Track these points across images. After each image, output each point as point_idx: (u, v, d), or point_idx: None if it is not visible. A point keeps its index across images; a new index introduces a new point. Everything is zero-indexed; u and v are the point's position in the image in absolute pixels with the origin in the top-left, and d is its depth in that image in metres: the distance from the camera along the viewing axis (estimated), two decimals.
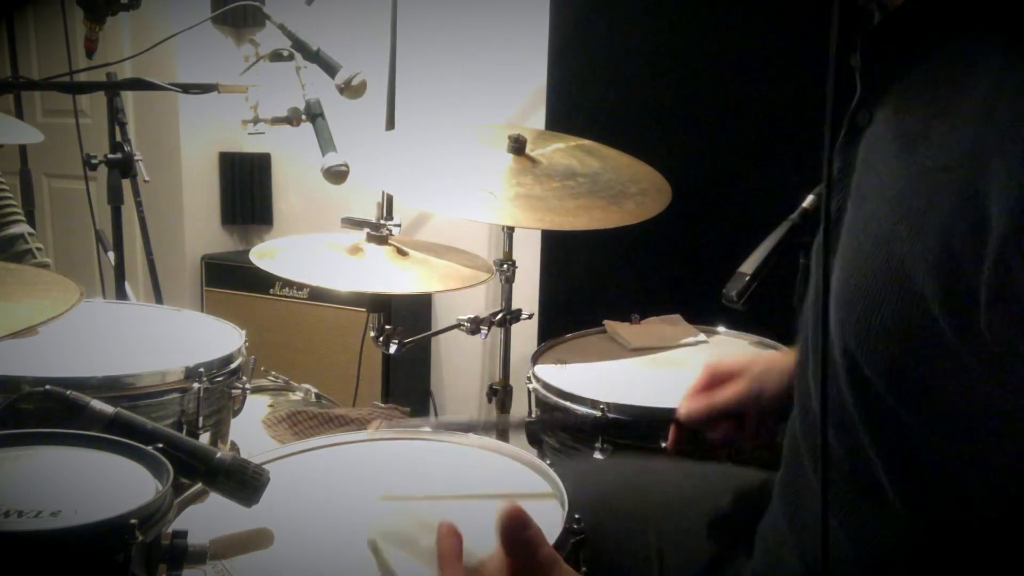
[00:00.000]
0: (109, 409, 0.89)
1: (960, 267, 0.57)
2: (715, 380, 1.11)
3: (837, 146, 0.77)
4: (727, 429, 1.10)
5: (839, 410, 0.71)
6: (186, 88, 1.76)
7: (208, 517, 0.87)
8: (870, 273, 0.65)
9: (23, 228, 2.01)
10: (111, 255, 1.96)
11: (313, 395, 1.87)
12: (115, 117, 1.86)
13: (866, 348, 0.66)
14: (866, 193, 0.71)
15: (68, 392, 0.91)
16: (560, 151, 1.62)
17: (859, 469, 0.70)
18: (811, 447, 0.78)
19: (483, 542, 0.87)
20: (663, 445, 1.24)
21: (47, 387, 0.92)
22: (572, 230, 1.40)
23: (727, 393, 1.09)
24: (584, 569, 0.81)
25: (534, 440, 1.39)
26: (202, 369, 1.19)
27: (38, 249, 2.01)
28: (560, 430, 1.34)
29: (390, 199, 2.20)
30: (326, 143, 1.55)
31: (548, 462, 1.02)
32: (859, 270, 0.67)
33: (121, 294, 1.92)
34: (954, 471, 0.63)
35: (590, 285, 2.29)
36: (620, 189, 1.50)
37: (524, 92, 2.51)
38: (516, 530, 0.67)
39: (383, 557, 0.83)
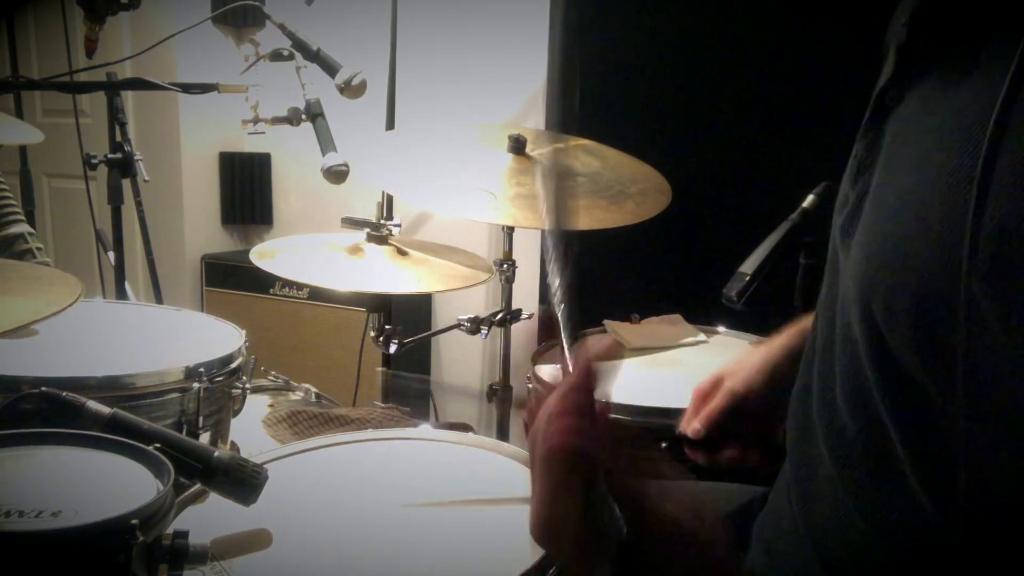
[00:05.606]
0: (106, 410, 0.89)
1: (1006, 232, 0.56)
2: (702, 396, 1.09)
3: (861, 128, 0.76)
4: (734, 452, 1.06)
5: (856, 388, 0.70)
6: (186, 88, 1.75)
7: (207, 517, 0.87)
8: (902, 241, 0.64)
9: (23, 228, 2.01)
10: (111, 255, 1.96)
11: (313, 395, 1.86)
12: (115, 117, 1.86)
13: (894, 318, 0.64)
14: (897, 168, 0.69)
15: (64, 393, 0.91)
16: (560, 151, 1.62)
17: (875, 448, 0.69)
18: (829, 429, 0.77)
19: (484, 542, 0.87)
20: (663, 445, 1.24)
21: (43, 388, 0.92)
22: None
23: (717, 400, 1.06)
24: None
25: None
26: (202, 369, 1.19)
27: (38, 249, 2.01)
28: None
29: (390, 199, 2.20)
30: (326, 143, 1.55)
31: None
32: (889, 240, 0.66)
33: (121, 294, 1.92)
34: (975, 447, 0.61)
35: (590, 285, 2.28)
36: (620, 189, 1.50)
37: (524, 92, 2.51)
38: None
39: None
